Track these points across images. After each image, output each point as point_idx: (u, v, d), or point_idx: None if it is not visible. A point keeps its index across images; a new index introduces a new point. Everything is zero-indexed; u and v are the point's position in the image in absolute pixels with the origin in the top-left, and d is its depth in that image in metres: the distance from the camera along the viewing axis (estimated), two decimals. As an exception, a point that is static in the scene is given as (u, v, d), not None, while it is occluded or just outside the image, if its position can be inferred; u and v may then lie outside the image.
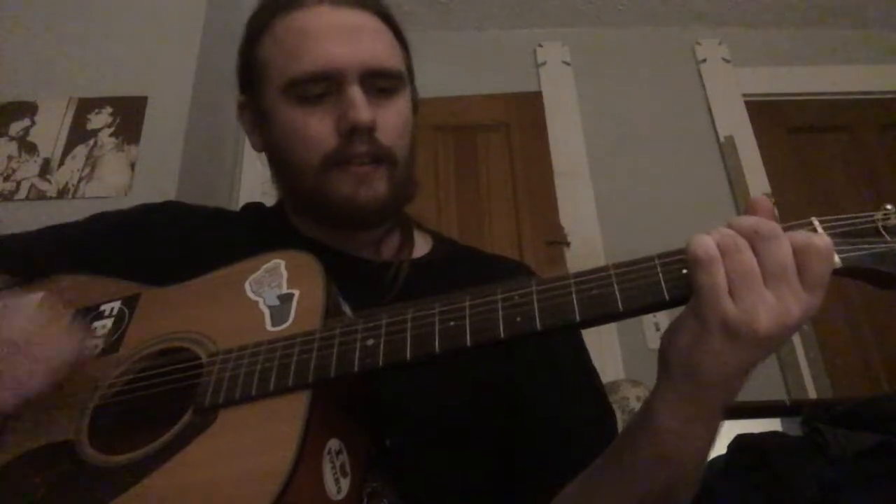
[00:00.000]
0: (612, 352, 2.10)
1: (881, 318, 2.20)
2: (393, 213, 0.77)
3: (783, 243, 0.47)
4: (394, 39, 0.77)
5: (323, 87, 0.70)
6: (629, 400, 1.62)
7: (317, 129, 0.70)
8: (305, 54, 0.71)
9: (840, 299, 2.22)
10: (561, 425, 0.69)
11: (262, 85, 0.75)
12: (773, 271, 0.47)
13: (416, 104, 0.82)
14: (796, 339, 2.13)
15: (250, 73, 0.78)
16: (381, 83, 0.72)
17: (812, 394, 2.05)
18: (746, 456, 1.50)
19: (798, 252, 0.47)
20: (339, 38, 0.71)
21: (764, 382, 2.08)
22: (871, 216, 0.49)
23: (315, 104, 0.71)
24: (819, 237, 0.47)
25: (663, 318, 2.14)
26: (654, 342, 2.12)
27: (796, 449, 1.47)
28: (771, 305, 0.46)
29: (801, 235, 0.48)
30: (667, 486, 0.54)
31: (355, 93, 0.70)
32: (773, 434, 1.66)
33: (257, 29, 0.77)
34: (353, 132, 0.69)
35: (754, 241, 0.47)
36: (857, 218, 0.49)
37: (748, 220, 0.49)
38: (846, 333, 2.19)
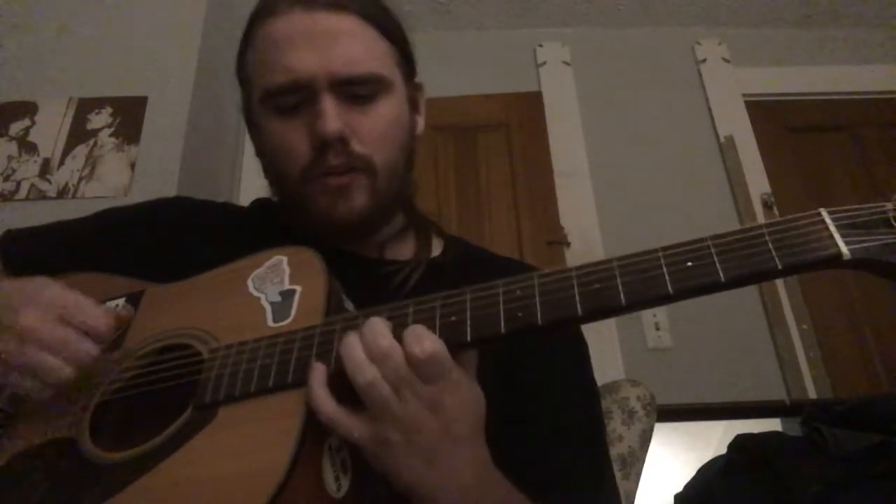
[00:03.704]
0: (612, 352, 2.09)
1: (881, 318, 2.20)
2: (378, 221, 0.76)
3: (393, 366, 0.49)
4: (378, 39, 0.73)
5: (296, 98, 0.69)
6: (629, 400, 1.62)
7: (292, 141, 0.70)
8: (275, 65, 0.69)
9: (840, 299, 2.22)
10: (548, 467, 0.68)
11: (249, 96, 0.75)
12: (403, 388, 0.49)
13: (416, 103, 0.80)
14: (796, 339, 2.13)
15: (241, 84, 0.78)
16: (356, 90, 0.70)
17: (812, 394, 2.05)
18: (746, 456, 1.50)
19: (409, 361, 0.49)
20: (308, 46, 0.69)
21: (764, 382, 2.08)
22: (882, 207, 0.47)
23: (291, 116, 0.70)
24: (420, 346, 0.48)
25: (664, 318, 2.14)
26: (654, 342, 2.12)
27: (796, 449, 1.47)
28: (403, 420, 0.48)
29: (406, 343, 0.49)
30: None
31: (325, 103, 0.68)
32: (773, 434, 1.66)
33: (244, 40, 0.76)
34: (324, 144, 0.68)
35: (376, 362, 0.49)
36: (866, 209, 0.47)
37: (366, 344, 0.50)
38: (846, 333, 2.18)
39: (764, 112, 2.55)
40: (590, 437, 0.72)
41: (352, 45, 0.71)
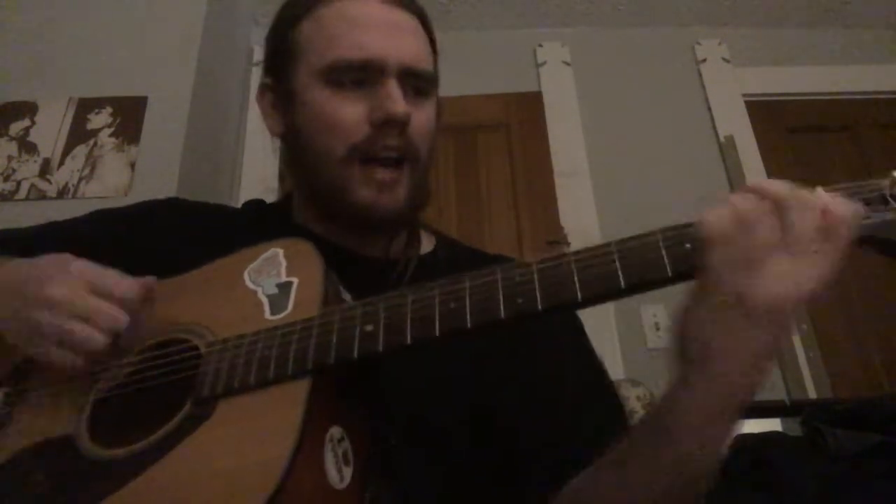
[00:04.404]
0: (612, 352, 2.09)
1: (881, 318, 2.20)
2: (409, 218, 0.78)
3: (812, 216, 0.45)
4: (429, 45, 0.78)
5: (361, 75, 0.70)
6: (629, 400, 1.63)
7: (348, 115, 0.70)
8: (349, 41, 0.71)
9: (840, 299, 2.22)
10: (567, 425, 0.68)
11: (294, 68, 0.75)
12: (794, 242, 0.45)
13: (440, 112, 0.82)
14: (796, 339, 2.13)
15: (282, 56, 0.77)
16: (416, 83, 0.73)
17: (812, 394, 2.05)
18: (746, 456, 1.50)
19: (824, 218, 0.45)
20: (384, 32, 0.72)
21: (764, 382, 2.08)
22: (879, 184, 0.47)
23: (350, 91, 0.71)
24: (845, 205, 0.46)
25: (663, 318, 2.14)
26: (654, 342, 2.12)
27: (796, 449, 1.47)
28: (787, 277, 0.45)
29: (825, 200, 0.46)
30: (685, 485, 0.53)
31: (394, 86, 0.70)
32: (773, 434, 1.66)
33: (297, 13, 0.76)
34: (385, 124, 0.69)
35: (783, 208, 0.46)
36: (863, 186, 0.48)
37: (778, 186, 0.47)
38: (846, 333, 2.18)
39: (764, 112, 2.55)
40: (609, 414, 0.73)
41: (419, 43, 0.75)
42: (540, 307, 0.49)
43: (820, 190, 0.48)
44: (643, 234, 0.50)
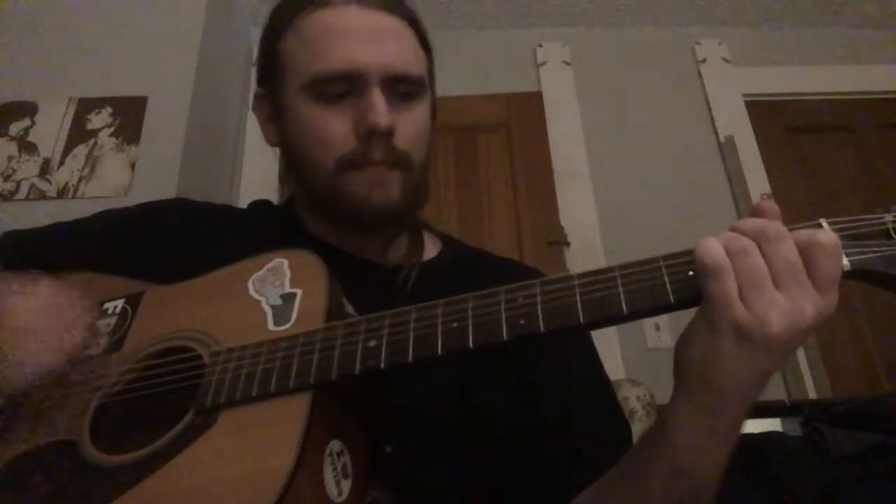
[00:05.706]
0: (612, 352, 2.10)
1: (881, 318, 2.20)
2: (404, 218, 0.77)
3: (789, 242, 0.46)
4: (418, 45, 0.77)
5: (344, 87, 0.70)
6: (629, 400, 1.63)
7: (335, 129, 0.70)
8: (330, 53, 0.70)
9: (840, 299, 2.21)
10: (571, 436, 0.68)
11: (282, 80, 0.74)
12: (781, 271, 0.46)
13: (435, 110, 0.81)
14: (796, 339, 2.13)
15: (270, 67, 0.76)
16: (402, 88, 0.72)
17: (812, 394, 2.05)
18: (746, 456, 1.50)
19: (804, 250, 0.46)
20: (365, 40, 0.71)
21: (764, 382, 2.08)
22: (881, 218, 0.48)
23: (335, 104, 0.70)
24: (824, 233, 0.46)
25: (664, 318, 2.14)
26: (654, 342, 2.12)
27: (796, 449, 1.47)
28: (783, 307, 0.45)
29: (805, 233, 0.47)
30: (683, 500, 0.53)
31: (376, 96, 0.69)
32: (773, 434, 1.66)
33: (281, 23, 0.76)
34: (370, 135, 0.69)
35: (760, 242, 0.47)
36: (866, 220, 0.48)
37: (752, 222, 0.48)
38: (846, 333, 2.19)
39: (764, 112, 2.55)
40: (612, 425, 0.73)
41: (403, 46, 0.73)
42: (542, 330, 0.49)
43: (823, 223, 0.48)
44: (645, 260, 0.50)
